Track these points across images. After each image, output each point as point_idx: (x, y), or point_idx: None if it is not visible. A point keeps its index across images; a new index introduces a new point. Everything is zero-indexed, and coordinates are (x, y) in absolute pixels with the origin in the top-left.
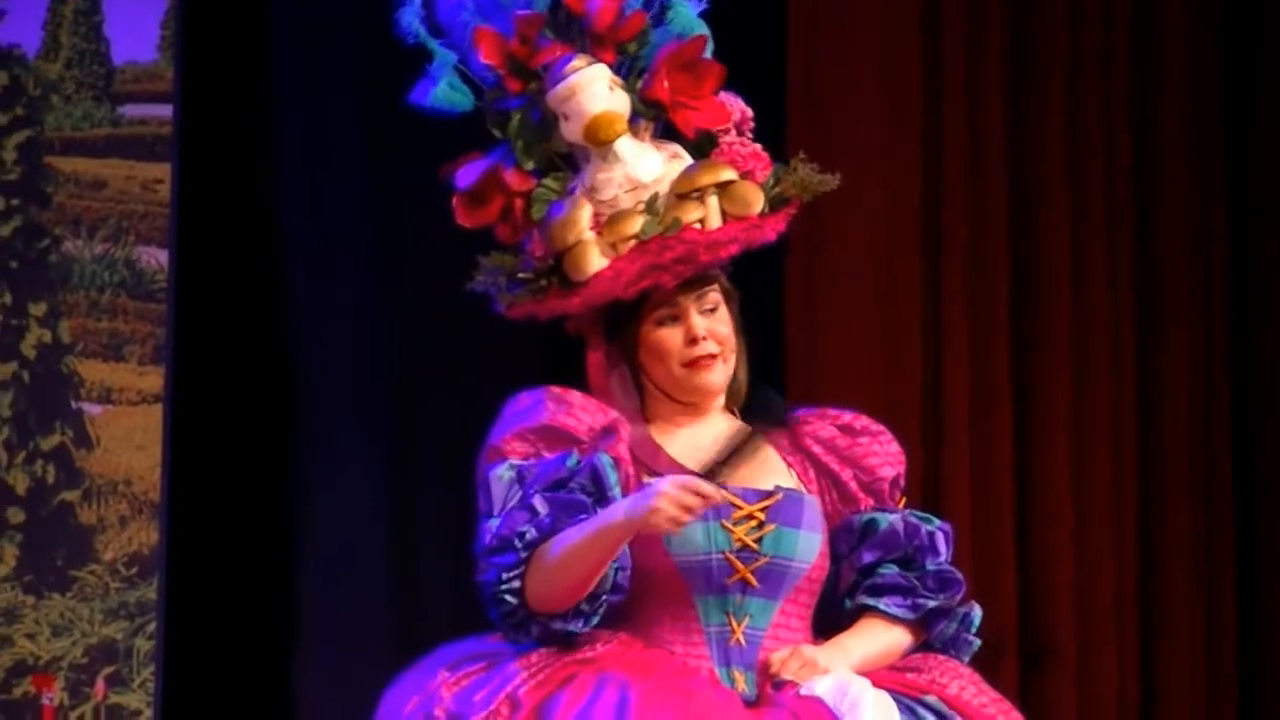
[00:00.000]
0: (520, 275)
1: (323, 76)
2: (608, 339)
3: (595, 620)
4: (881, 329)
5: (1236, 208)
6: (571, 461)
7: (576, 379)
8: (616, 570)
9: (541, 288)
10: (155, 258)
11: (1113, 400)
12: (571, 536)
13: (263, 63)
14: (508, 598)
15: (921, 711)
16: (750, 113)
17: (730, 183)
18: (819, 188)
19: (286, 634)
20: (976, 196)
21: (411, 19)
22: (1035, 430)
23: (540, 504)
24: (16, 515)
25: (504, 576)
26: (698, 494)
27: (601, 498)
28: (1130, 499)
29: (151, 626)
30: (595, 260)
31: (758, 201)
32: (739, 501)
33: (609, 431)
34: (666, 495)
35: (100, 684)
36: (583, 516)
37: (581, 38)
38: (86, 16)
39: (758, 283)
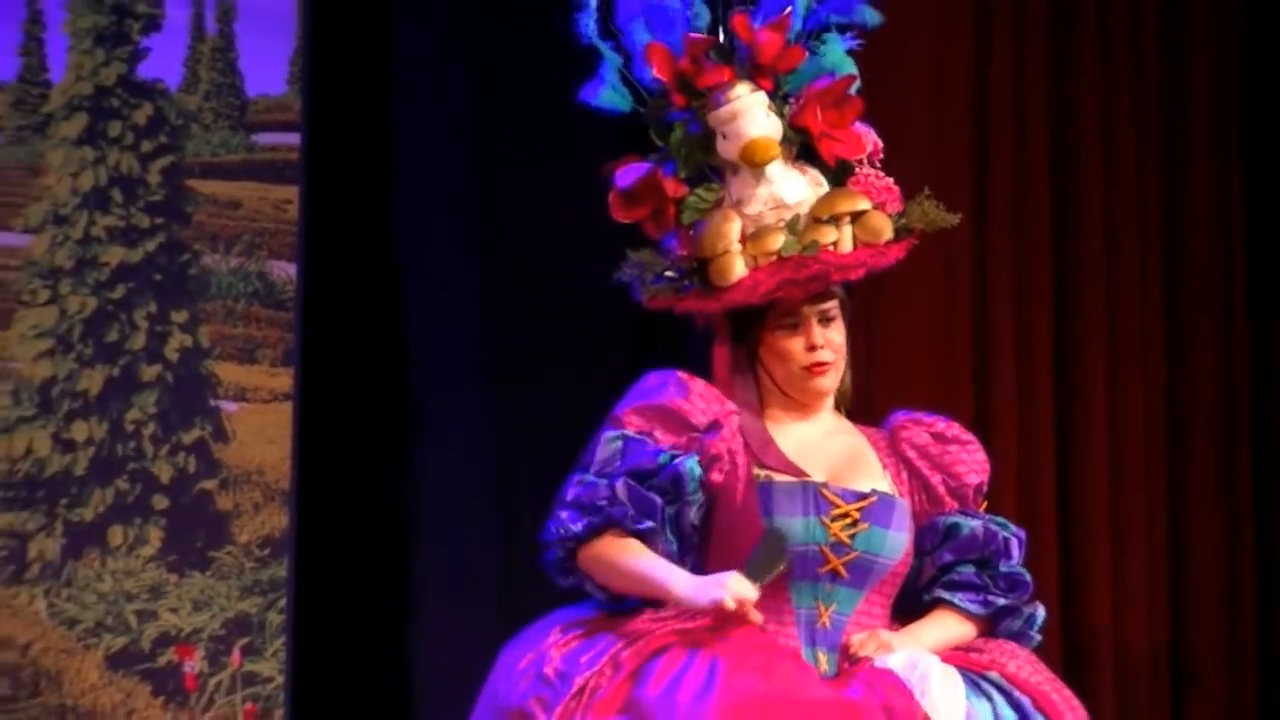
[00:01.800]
0: (666, 274)
1: (431, 104)
2: (734, 338)
3: (633, 603)
4: (935, 332)
5: (1258, 209)
6: (663, 458)
7: (654, 363)
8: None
9: (683, 286)
10: (285, 270)
11: (1145, 392)
12: (636, 564)
13: (379, 94)
14: (560, 550)
15: (984, 685)
16: (881, 144)
17: (864, 212)
18: (941, 222)
19: (403, 605)
20: (1020, 210)
21: (587, 23)
22: (1075, 426)
23: (621, 490)
24: (161, 502)
25: (563, 533)
26: (742, 608)
27: (676, 499)
28: (1160, 489)
29: (282, 602)
30: (738, 269)
31: (887, 231)
32: (838, 501)
33: (717, 425)
34: (724, 598)
35: (236, 654)
36: (648, 523)
37: (744, 63)
38: (223, 53)
39: None
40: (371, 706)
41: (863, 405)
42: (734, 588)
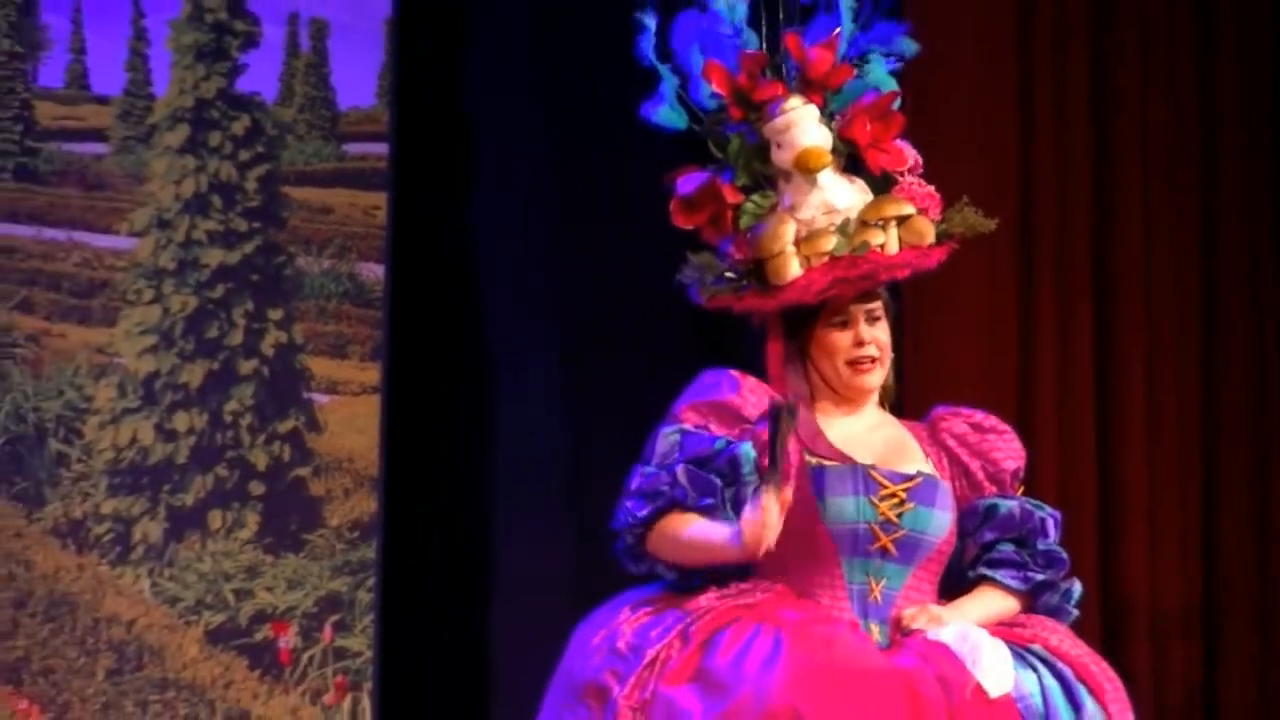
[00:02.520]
0: (726, 275)
1: (508, 114)
2: (786, 335)
3: (698, 581)
4: (980, 333)
5: None
6: (719, 444)
7: (714, 361)
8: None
9: (741, 286)
10: (373, 271)
11: (1180, 380)
12: (697, 533)
13: (461, 106)
14: (629, 538)
15: (1029, 657)
16: (920, 159)
17: (909, 216)
18: (980, 227)
19: (482, 586)
20: (1063, 215)
21: (647, 47)
22: (1113, 416)
23: (681, 474)
24: (257, 488)
25: (631, 520)
26: (769, 524)
27: (734, 481)
28: (1194, 471)
29: (370, 581)
30: (793, 269)
31: (929, 234)
32: (886, 482)
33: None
34: (761, 527)
35: (328, 629)
36: (708, 500)
37: (795, 79)
38: (316, 68)
39: None
40: (453, 680)
41: (912, 403)
42: (761, 503)
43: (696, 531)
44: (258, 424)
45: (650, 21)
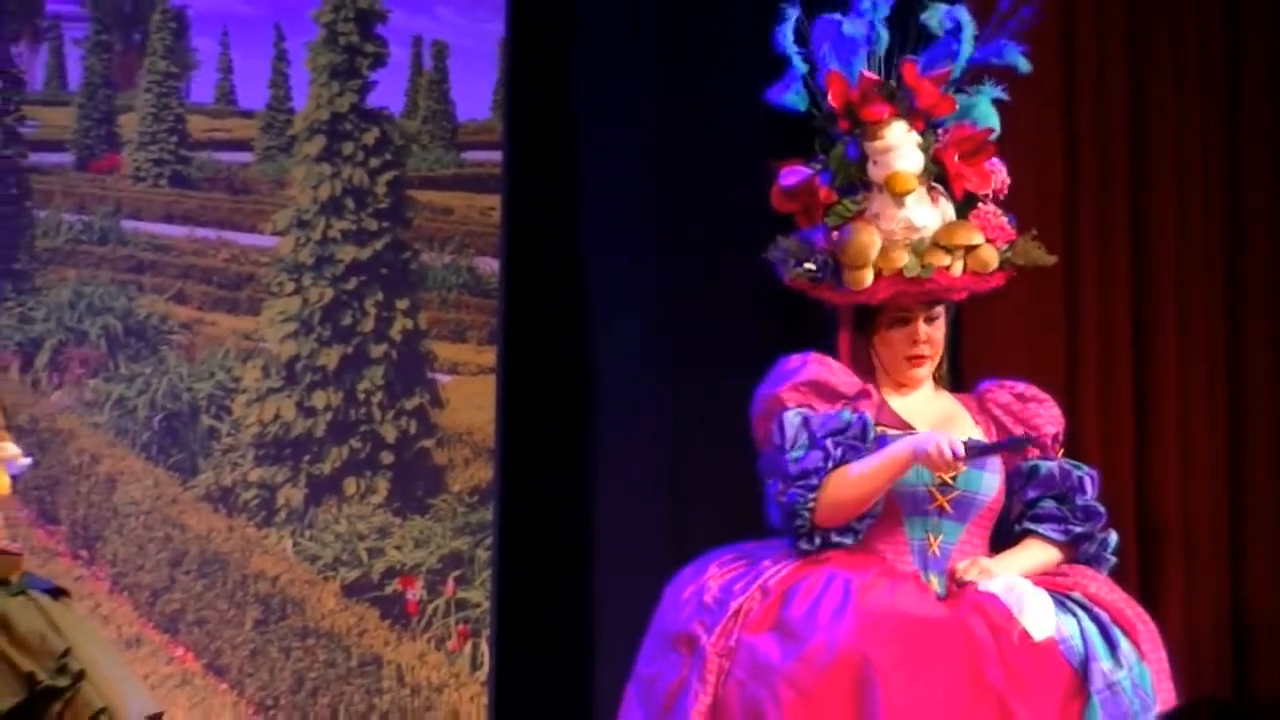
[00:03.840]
0: (807, 265)
1: (612, 123)
2: (855, 326)
3: (860, 535)
4: (1031, 313)
5: None
6: (846, 415)
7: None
8: (878, 501)
9: (818, 278)
10: (489, 265)
11: (1209, 355)
12: (865, 465)
13: (568, 117)
14: (804, 514)
15: (1069, 604)
16: (1008, 181)
17: (978, 246)
18: (1040, 261)
19: (587, 544)
20: (1103, 209)
21: (785, 34)
22: (1149, 390)
23: (831, 445)
24: (387, 458)
25: (805, 499)
26: (954, 451)
27: (865, 443)
28: (1221, 425)
29: (488, 540)
30: (868, 280)
31: (993, 264)
32: None
33: (863, 394)
34: (941, 443)
35: (450, 583)
36: (854, 459)
37: (903, 102)
38: (437, 85)
39: None
40: (561, 628)
41: (972, 379)
42: (949, 438)
43: (863, 464)
44: (387, 401)
45: (792, 11)
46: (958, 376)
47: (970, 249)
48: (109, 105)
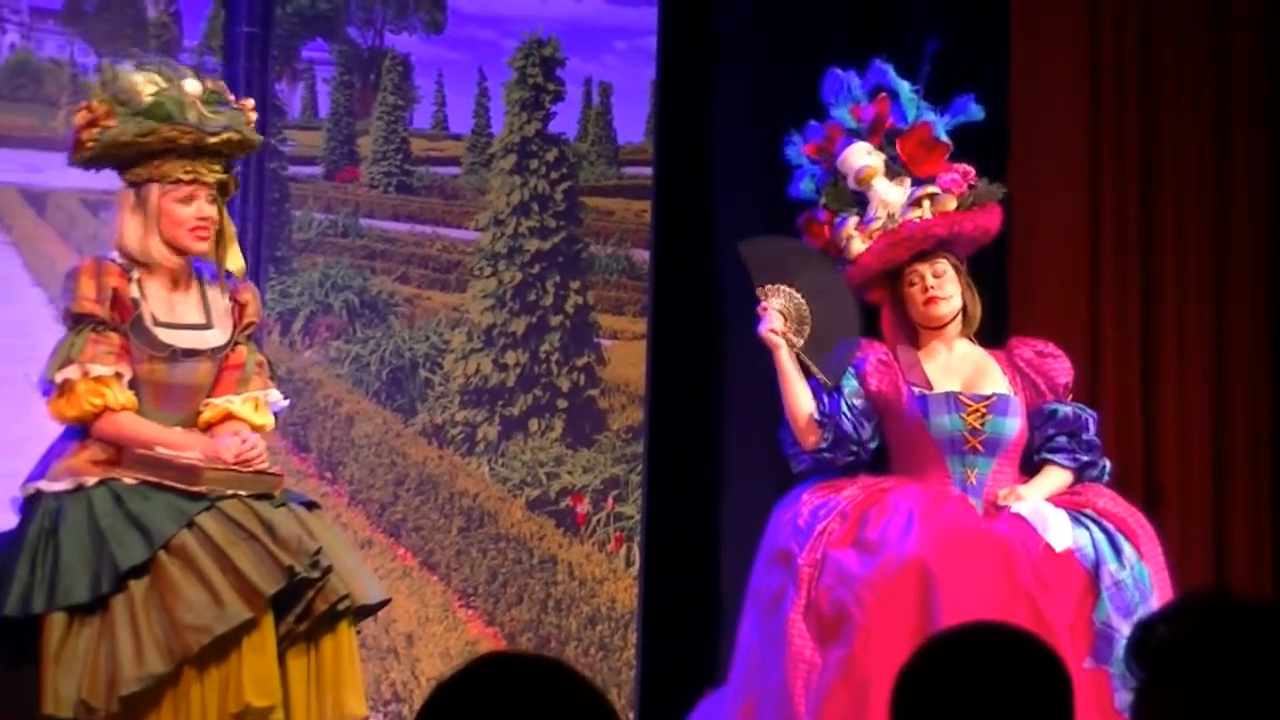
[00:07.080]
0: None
1: (738, 152)
2: (891, 304)
3: (846, 456)
4: (1059, 288)
5: None
6: (850, 381)
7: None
8: (855, 427)
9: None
10: (642, 255)
11: (1200, 319)
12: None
13: (705, 142)
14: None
15: (1083, 518)
16: (970, 170)
17: (936, 194)
18: (990, 196)
19: (716, 472)
20: (1121, 199)
21: (794, 147)
22: (1153, 351)
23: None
24: (562, 403)
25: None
26: (774, 330)
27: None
28: (1209, 375)
29: (639, 468)
30: (858, 247)
31: (951, 204)
32: (970, 402)
33: (866, 356)
34: (765, 337)
35: (610, 500)
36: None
37: (870, 132)
38: (602, 115)
39: (993, 260)
40: (695, 537)
41: (1021, 332)
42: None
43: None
44: (562, 360)
45: (797, 137)
46: (1000, 340)
47: (932, 198)
48: (350, 130)
